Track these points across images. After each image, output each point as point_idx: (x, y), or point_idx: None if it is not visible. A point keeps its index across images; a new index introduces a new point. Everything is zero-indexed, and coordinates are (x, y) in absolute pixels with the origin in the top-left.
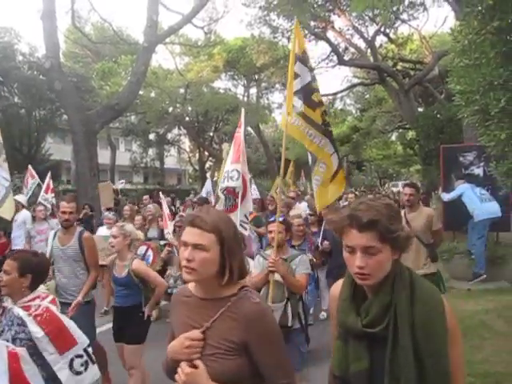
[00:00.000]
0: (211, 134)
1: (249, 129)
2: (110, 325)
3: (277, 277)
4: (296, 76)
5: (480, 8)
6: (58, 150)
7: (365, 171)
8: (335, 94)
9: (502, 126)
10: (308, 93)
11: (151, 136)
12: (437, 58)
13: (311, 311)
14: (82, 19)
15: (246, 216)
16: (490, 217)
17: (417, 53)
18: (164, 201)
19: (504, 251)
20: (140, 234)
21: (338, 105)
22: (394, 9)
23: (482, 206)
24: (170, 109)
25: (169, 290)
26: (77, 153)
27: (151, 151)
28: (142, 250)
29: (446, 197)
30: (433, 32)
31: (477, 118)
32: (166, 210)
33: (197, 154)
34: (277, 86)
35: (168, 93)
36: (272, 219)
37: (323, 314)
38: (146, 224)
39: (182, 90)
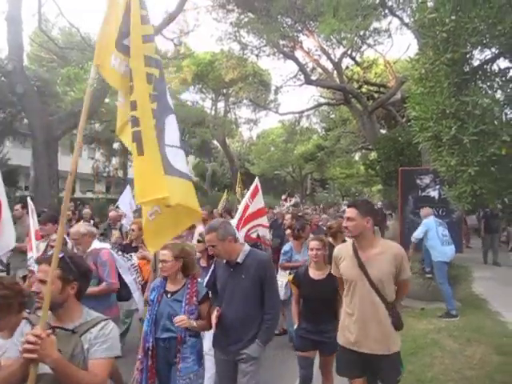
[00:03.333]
0: None
1: (215, 142)
2: None
3: (45, 367)
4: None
5: (435, 40)
6: (17, 154)
7: (328, 189)
8: (301, 112)
9: (453, 152)
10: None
11: (115, 145)
12: (400, 83)
13: None
14: (49, 23)
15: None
16: (446, 260)
17: (381, 77)
18: (33, 212)
19: (456, 272)
20: None
21: (304, 123)
22: (361, 33)
23: (441, 248)
24: None
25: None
26: (36, 159)
27: (115, 160)
28: None
29: (416, 236)
30: (397, 58)
31: (430, 144)
32: (32, 226)
33: None
34: (244, 101)
35: None
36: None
37: None
38: None
39: None
